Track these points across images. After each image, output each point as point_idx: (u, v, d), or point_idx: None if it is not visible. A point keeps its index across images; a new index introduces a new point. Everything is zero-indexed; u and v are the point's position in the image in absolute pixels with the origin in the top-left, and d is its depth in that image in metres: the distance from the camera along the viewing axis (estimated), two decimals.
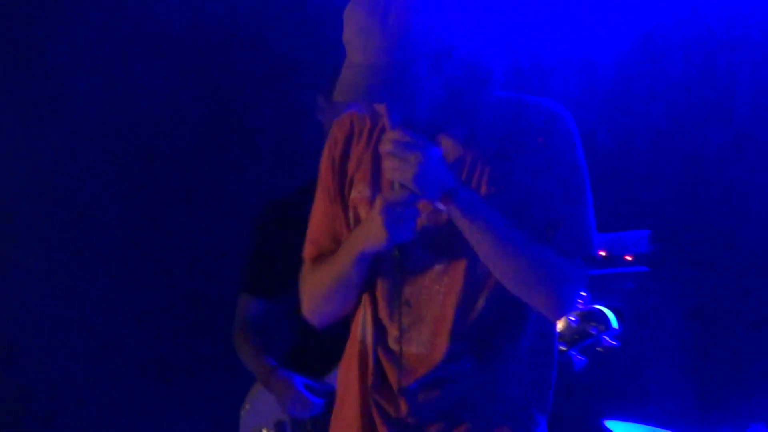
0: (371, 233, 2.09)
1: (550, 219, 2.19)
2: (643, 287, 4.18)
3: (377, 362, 2.24)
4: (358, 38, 2.08)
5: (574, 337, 3.36)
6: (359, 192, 2.26)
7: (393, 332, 2.21)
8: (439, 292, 2.21)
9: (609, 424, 3.74)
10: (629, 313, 3.38)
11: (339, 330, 2.51)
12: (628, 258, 4.03)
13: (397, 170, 2.07)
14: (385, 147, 2.09)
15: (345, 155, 2.33)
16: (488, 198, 2.16)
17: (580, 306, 3.32)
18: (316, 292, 2.31)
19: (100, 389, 4.62)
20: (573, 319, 3.36)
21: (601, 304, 3.36)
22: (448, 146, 2.20)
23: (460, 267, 2.20)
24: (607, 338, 3.36)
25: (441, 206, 2.11)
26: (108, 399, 4.59)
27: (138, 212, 4.73)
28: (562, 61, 4.62)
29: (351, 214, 2.27)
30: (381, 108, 2.11)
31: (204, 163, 4.96)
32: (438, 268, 2.21)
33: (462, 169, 2.22)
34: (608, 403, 3.99)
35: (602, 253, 3.88)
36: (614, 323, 3.37)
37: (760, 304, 4.50)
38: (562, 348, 3.27)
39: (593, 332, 3.35)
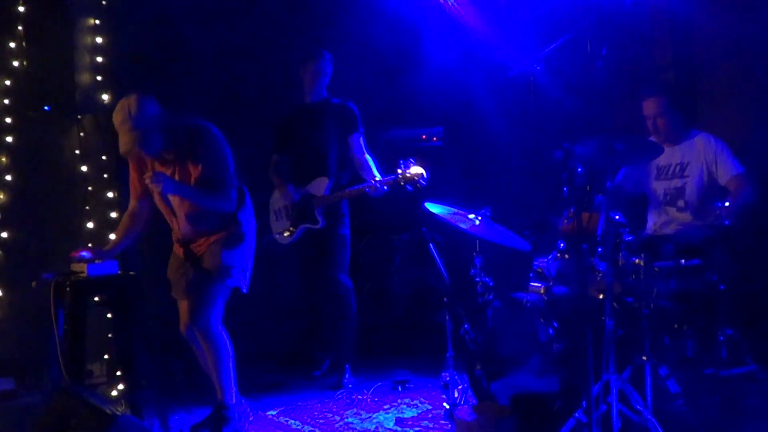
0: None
1: (209, 181, 5.27)
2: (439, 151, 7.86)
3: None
4: (119, 126, 5.14)
5: (410, 179, 6.21)
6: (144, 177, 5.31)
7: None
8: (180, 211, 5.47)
9: (427, 204, 5.67)
10: (431, 167, 6.35)
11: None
12: (435, 139, 7.92)
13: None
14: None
15: (138, 161, 5.47)
16: (181, 180, 5.28)
17: (411, 166, 6.20)
18: None
19: None
20: (408, 175, 6.19)
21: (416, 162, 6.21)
22: (162, 166, 5.37)
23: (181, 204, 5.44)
24: (422, 182, 6.22)
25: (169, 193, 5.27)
26: None
27: None
28: None
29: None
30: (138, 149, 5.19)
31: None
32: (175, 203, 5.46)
33: (172, 173, 5.32)
34: (428, 198, 5.81)
35: (424, 137, 7.69)
36: (425, 174, 6.21)
37: None
38: (409, 186, 6.21)
39: (416, 178, 6.21)
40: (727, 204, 5.49)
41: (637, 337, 4.95)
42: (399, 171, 6.31)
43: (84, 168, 7.02)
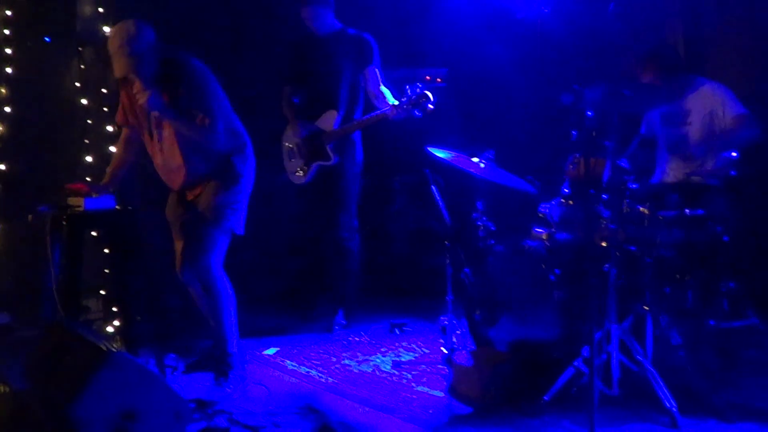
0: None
1: (193, 111, 5.10)
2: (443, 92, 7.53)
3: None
4: (116, 51, 5.02)
5: (417, 102, 6.04)
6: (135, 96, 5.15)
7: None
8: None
9: (430, 149, 5.54)
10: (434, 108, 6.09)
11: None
12: (439, 80, 7.79)
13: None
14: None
15: (129, 88, 5.27)
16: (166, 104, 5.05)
17: (418, 91, 6.03)
18: None
19: None
20: (415, 98, 6.01)
21: (426, 88, 6.00)
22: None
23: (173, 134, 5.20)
24: (430, 105, 6.02)
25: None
26: None
27: None
28: None
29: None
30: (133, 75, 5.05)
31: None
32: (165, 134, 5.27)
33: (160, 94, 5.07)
34: (430, 140, 5.66)
35: (428, 78, 7.57)
36: (432, 98, 6.01)
37: None
38: (417, 112, 6.04)
39: (422, 100, 6.04)
40: (734, 155, 5.41)
41: (639, 286, 4.88)
42: (406, 96, 6.19)
43: (84, 101, 6.91)
